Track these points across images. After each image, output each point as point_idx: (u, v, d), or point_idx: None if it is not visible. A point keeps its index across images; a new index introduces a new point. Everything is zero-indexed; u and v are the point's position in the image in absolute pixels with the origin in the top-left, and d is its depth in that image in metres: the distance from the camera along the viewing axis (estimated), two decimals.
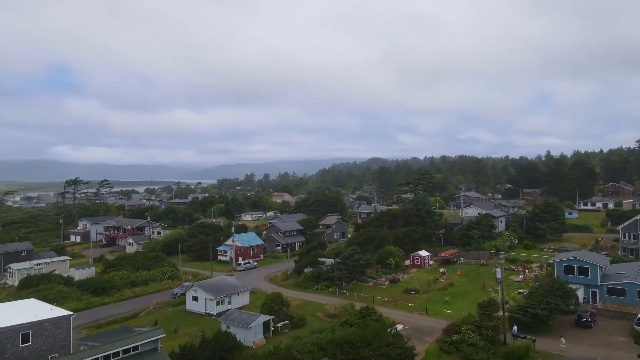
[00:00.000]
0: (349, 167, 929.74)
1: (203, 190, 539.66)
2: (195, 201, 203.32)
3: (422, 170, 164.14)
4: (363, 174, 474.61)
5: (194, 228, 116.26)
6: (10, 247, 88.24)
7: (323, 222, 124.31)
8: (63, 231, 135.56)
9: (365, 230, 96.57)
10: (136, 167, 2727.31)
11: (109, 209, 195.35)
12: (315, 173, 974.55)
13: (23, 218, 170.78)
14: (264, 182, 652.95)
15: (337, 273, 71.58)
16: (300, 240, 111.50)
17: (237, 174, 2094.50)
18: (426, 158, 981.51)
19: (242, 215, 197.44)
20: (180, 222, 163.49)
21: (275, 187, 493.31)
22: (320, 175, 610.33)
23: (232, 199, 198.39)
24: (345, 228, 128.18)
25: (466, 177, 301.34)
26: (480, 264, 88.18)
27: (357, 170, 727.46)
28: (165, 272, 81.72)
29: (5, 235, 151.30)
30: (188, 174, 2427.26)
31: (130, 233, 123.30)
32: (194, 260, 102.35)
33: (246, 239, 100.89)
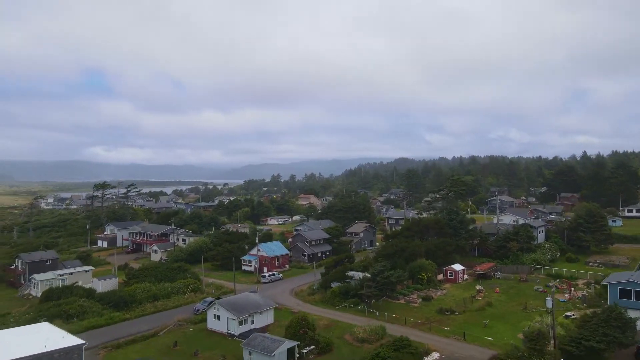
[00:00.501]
0: (375, 167, 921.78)
1: (230, 191, 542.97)
2: (221, 205, 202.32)
3: (454, 176, 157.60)
4: (390, 176, 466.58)
5: (218, 236, 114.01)
6: (35, 256, 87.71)
7: (350, 229, 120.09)
8: (90, 236, 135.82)
9: (395, 241, 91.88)
10: (166, 167, 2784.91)
11: (136, 212, 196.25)
12: (342, 174, 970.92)
13: (53, 222, 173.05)
14: (290, 183, 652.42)
15: (367, 290, 67.35)
16: (326, 250, 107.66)
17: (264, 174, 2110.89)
18: (454, 158, 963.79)
19: (268, 219, 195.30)
20: (205, 226, 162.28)
21: (301, 188, 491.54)
22: (347, 176, 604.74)
23: (258, 203, 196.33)
24: (374, 236, 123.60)
25: (498, 180, 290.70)
26: (520, 279, 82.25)
27: (383, 171, 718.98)
28: (188, 285, 79.32)
29: (36, 239, 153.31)
30: (216, 174, 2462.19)
31: (155, 240, 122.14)
32: (218, 269, 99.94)
33: (271, 249, 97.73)
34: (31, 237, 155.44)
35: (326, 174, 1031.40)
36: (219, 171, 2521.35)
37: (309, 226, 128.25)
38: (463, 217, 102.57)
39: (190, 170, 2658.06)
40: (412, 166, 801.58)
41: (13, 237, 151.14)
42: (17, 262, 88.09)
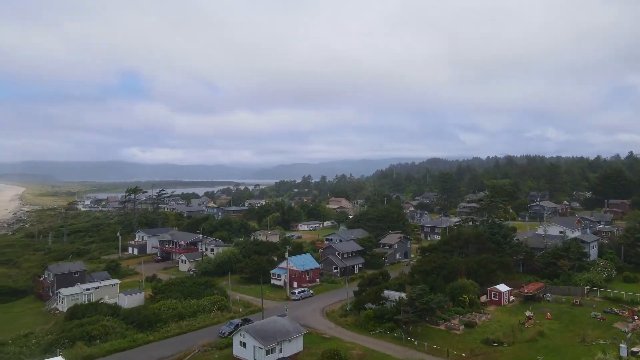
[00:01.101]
0: (407, 168, 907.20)
1: (261, 192, 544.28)
2: (252, 210, 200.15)
3: (489, 180, 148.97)
4: (423, 178, 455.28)
5: (247, 246, 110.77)
6: (63, 268, 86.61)
7: (384, 240, 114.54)
8: (121, 243, 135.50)
9: (433, 257, 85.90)
10: (198, 167, 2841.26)
11: (167, 217, 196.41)
12: (372, 174, 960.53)
13: (87, 227, 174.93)
14: (321, 184, 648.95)
15: (404, 316, 62.00)
16: (359, 263, 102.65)
17: (294, 174, 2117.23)
18: (489, 158, 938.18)
19: (298, 224, 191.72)
20: (235, 233, 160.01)
21: (332, 190, 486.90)
22: (378, 178, 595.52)
23: (288, 208, 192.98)
24: (408, 247, 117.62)
25: (538, 184, 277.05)
26: (573, 302, 74.87)
27: (416, 173, 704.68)
28: (214, 302, 75.98)
29: (70, 244, 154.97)
30: (246, 174, 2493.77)
31: (184, 249, 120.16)
32: (247, 282, 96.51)
33: (301, 262, 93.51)
34: (65, 242, 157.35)
35: (356, 175, 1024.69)
36: (249, 171, 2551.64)
37: (340, 236, 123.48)
38: (506, 230, 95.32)
39: (222, 170, 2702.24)
40: (444, 167, 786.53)
41: (48, 242, 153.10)
42: (46, 273, 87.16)
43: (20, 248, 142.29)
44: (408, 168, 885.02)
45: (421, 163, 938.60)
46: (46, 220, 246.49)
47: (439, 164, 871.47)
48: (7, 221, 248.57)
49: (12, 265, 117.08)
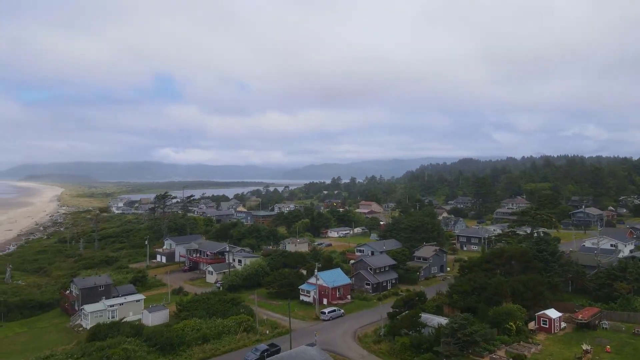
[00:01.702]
0: (438, 169, 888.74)
1: (291, 194, 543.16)
2: (281, 215, 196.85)
3: (535, 190, 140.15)
4: (456, 180, 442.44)
5: (275, 258, 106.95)
6: (88, 281, 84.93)
7: (418, 253, 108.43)
8: (149, 251, 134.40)
9: (473, 276, 79.44)
10: (230, 167, 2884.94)
11: (196, 222, 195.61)
12: (403, 175, 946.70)
13: (117, 232, 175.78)
14: (351, 185, 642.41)
15: (444, 348, 56.38)
16: (392, 278, 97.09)
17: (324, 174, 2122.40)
18: (524, 158, 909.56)
19: (328, 231, 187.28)
20: (264, 240, 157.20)
21: (362, 192, 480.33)
22: (409, 179, 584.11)
23: (318, 214, 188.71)
24: (444, 261, 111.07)
25: (581, 188, 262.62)
26: (634, 332, 67.22)
27: (448, 174, 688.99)
28: (240, 322, 72.19)
29: (100, 250, 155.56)
30: (278, 174, 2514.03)
31: (211, 259, 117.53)
32: (275, 297, 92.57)
33: (331, 278, 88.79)
34: (96, 248, 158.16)
35: (386, 175, 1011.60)
36: (280, 171, 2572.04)
37: (371, 247, 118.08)
38: (555, 247, 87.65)
39: (253, 170, 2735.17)
40: (477, 167, 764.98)
41: (79, 248, 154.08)
42: (72, 286, 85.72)
43: (53, 254, 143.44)
44: (439, 169, 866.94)
45: (453, 164, 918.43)
46: (80, 222, 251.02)
47: (471, 164, 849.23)
48: (44, 224, 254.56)
49: (43, 274, 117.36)
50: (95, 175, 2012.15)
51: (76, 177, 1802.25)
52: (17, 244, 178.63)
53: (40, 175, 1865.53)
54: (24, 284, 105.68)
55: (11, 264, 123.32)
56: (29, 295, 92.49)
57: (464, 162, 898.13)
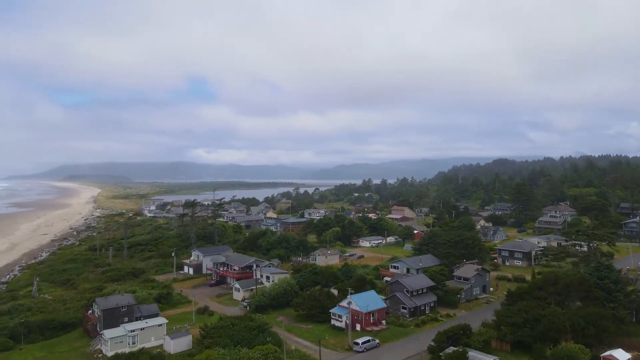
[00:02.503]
0: (471, 170, 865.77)
1: (320, 196, 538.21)
2: (311, 223, 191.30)
3: (579, 196, 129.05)
4: (491, 183, 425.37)
5: (305, 275, 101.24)
6: (110, 302, 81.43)
7: (459, 273, 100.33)
8: (176, 261, 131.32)
9: (524, 306, 71.27)
10: (261, 167, 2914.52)
11: (225, 229, 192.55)
12: (435, 176, 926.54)
13: (146, 240, 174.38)
14: (382, 187, 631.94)
15: None
16: (431, 301, 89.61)
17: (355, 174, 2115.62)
18: (563, 158, 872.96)
19: (359, 240, 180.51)
20: (293, 250, 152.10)
21: (393, 195, 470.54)
22: (442, 182, 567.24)
23: (349, 223, 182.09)
24: (487, 280, 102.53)
25: (632, 194, 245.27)
26: None
27: (482, 175, 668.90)
28: (267, 354, 66.58)
29: (129, 259, 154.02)
30: (308, 174, 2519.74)
31: (239, 273, 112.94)
32: (304, 320, 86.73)
33: (365, 302, 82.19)
34: (125, 257, 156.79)
35: (417, 175, 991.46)
36: (310, 171, 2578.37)
37: (407, 264, 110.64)
38: (618, 275, 78.06)
39: (283, 170, 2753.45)
40: (513, 168, 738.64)
41: (109, 256, 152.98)
42: (94, 306, 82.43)
43: (82, 263, 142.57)
44: (472, 170, 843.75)
45: (487, 164, 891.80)
46: (113, 227, 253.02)
47: (507, 165, 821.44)
48: (77, 227, 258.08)
49: (70, 286, 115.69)
50: (131, 175, 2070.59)
51: (113, 178, 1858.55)
52: (49, 250, 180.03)
53: (79, 176, 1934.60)
54: (50, 297, 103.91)
55: (39, 275, 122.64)
56: (52, 312, 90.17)
57: (498, 163, 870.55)
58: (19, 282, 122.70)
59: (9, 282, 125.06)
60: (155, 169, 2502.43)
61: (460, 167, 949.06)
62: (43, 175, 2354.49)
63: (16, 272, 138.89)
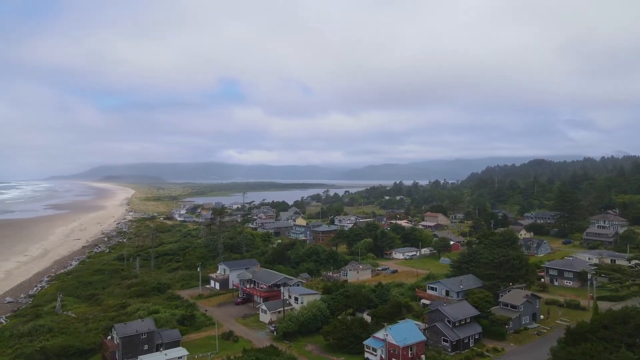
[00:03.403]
0: (506, 171, 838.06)
1: (350, 200, 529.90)
2: (342, 233, 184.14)
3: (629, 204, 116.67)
4: (529, 187, 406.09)
5: (336, 298, 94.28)
6: (130, 328, 76.85)
7: (505, 299, 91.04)
8: (202, 275, 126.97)
9: (587, 348, 61.96)
10: (290, 167, 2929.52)
11: (253, 238, 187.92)
12: (467, 178, 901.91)
13: (174, 249, 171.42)
14: (413, 190, 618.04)
15: None
16: (475, 333, 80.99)
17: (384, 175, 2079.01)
18: (604, 158, 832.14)
19: (392, 252, 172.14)
20: (323, 264, 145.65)
21: (426, 199, 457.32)
22: (476, 184, 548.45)
23: (381, 234, 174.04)
24: (537, 307, 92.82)
25: None
26: None
27: (518, 177, 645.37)
28: None
29: (156, 270, 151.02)
30: (337, 174, 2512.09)
31: (266, 291, 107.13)
32: (334, 350, 79.69)
33: (402, 335, 74.44)
34: (152, 267, 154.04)
35: (449, 176, 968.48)
36: (340, 171, 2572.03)
37: (446, 286, 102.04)
38: None
39: (313, 170, 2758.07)
40: (551, 170, 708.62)
41: (136, 266, 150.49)
42: (112, 332, 78.03)
43: (109, 275, 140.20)
44: (507, 171, 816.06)
45: (522, 165, 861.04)
46: (143, 232, 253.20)
47: (544, 166, 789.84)
48: (109, 233, 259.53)
49: (94, 302, 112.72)
50: (165, 175, 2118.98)
51: (147, 178, 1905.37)
52: (79, 258, 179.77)
53: (116, 177, 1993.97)
54: (74, 315, 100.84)
55: (64, 289, 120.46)
56: (73, 333, 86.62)
57: (535, 164, 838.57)
58: (45, 295, 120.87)
59: (35, 296, 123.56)
60: (188, 169, 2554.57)
61: (494, 168, 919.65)
62: (82, 176, 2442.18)
63: (44, 284, 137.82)
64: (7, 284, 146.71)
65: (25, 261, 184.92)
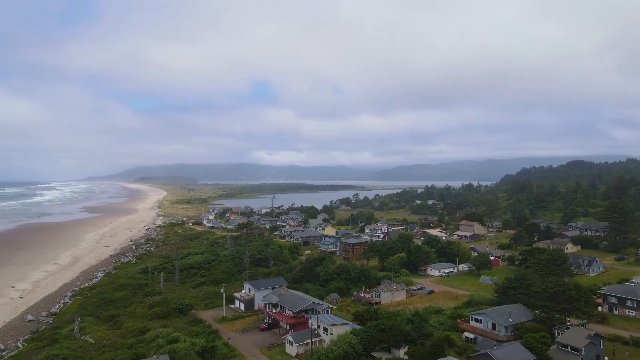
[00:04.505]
0: (543, 173, 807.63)
1: (381, 204, 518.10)
2: (373, 246, 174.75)
3: None
4: (571, 192, 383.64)
5: (369, 332, 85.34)
6: None
7: (564, 339, 79.86)
8: (226, 294, 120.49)
9: None
10: (320, 168, 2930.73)
11: (281, 250, 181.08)
12: (502, 180, 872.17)
13: (199, 263, 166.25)
14: (445, 193, 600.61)
15: None
16: None
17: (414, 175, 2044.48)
18: None
19: (427, 268, 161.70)
20: (354, 282, 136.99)
21: (459, 204, 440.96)
22: (512, 188, 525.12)
23: (416, 248, 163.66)
24: (601, 349, 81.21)
25: None
26: None
27: (558, 179, 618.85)
28: None
29: (181, 285, 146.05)
30: (367, 175, 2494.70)
31: (293, 318, 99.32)
32: None
33: None
34: (177, 281, 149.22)
35: (481, 177, 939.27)
36: (369, 172, 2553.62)
37: (492, 318, 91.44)
38: None
39: (342, 171, 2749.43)
40: (591, 172, 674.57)
41: (160, 281, 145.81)
42: None
43: (132, 291, 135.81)
44: (544, 173, 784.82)
45: (560, 166, 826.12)
46: (171, 239, 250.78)
47: (584, 167, 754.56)
48: (137, 240, 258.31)
49: (114, 324, 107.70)
50: (197, 176, 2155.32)
51: (180, 179, 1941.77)
52: (105, 270, 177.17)
53: (150, 177, 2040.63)
54: (92, 341, 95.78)
55: (83, 311, 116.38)
56: None
57: (574, 165, 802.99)
58: (66, 314, 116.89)
59: (57, 314, 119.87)
60: (219, 170, 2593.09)
61: (530, 169, 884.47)
62: (117, 176, 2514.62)
63: (67, 300, 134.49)
64: (32, 296, 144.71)
65: (54, 271, 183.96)
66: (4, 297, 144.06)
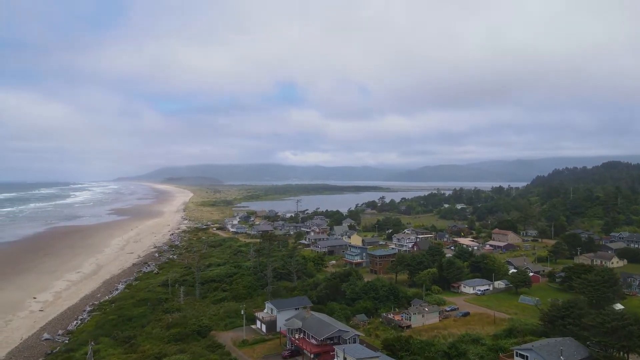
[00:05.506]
0: (576, 174, 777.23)
1: (407, 208, 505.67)
2: (402, 260, 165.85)
3: None
4: (611, 198, 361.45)
5: None
6: None
7: None
8: (247, 314, 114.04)
9: None
10: (345, 168, 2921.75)
11: (305, 262, 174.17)
12: (532, 182, 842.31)
13: (221, 276, 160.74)
14: (474, 197, 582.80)
15: None
16: None
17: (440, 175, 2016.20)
18: None
19: (460, 285, 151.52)
20: (382, 302, 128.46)
21: (489, 209, 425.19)
22: (546, 192, 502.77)
23: (448, 263, 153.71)
24: None
25: None
26: None
27: (592, 182, 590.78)
28: None
29: (201, 299, 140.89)
30: (392, 175, 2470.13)
31: (317, 347, 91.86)
32: None
33: None
34: (198, 295, 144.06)
35: (510, 177, 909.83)
36: (395, 172, 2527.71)
37: (539, 355, 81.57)
38: None
39: (367, 171, 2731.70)
40: (628, 173, 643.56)
41: (180, 295, 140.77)
42: None
43: (152, 307, 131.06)
44: (578, 174, 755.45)
45: (594, 168, 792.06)
46: (194, 246, 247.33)
47: (620, 169, 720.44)
48: (161, 247, 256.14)
49: (129, 347, 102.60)
50: (223, 177, 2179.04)
51: (206, 179, 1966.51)
52: (126, 281, 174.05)
53: (177, 178, 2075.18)
54: None
55: (99, 330, 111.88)
56: None
57: (610, 166, 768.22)
58: (82, 334, 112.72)
59: (73, 333, 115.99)
60: (244, 170, 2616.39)
61: (562, 171, 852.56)
62: (146, 177, 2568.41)
63: (85, 316, 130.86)
64: (51, 310, 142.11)
65: (76, 280, 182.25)
66: (25, 310, 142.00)
